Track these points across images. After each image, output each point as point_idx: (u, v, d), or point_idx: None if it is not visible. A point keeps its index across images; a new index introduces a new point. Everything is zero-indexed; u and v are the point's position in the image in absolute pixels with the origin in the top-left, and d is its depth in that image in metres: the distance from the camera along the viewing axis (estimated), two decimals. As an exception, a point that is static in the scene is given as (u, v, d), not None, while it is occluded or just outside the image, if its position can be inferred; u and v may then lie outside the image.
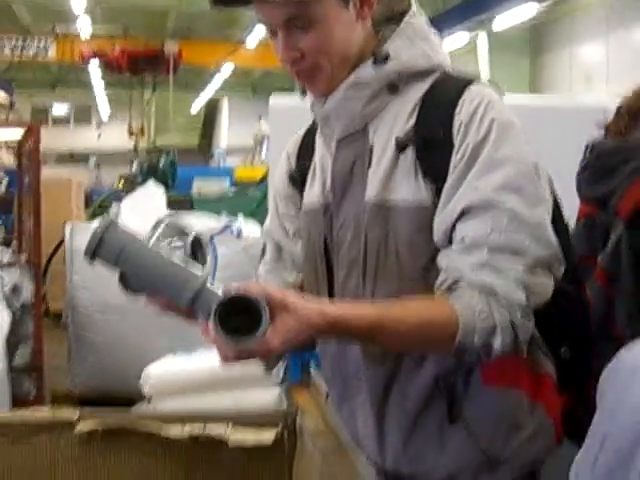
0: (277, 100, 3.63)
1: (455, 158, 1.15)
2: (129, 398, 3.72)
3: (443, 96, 1.20)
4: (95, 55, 13.17)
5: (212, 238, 4.15)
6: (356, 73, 1.22)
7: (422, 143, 1.18)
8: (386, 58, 1.22)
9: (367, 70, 1.22)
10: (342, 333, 1.07)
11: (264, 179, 4.80)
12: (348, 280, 1.25)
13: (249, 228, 4.15)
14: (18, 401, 3.37)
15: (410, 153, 1.19)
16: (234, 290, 0.99)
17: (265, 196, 5.02)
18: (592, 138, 1.73)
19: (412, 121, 1.21)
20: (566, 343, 1.26)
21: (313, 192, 1.33)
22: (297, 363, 2.96)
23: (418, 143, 1.19)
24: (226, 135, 21.98)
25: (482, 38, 13.47)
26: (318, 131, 1.34)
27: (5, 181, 10.53)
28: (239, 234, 4.18)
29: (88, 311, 4.45)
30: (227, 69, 17.59)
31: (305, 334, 1.02)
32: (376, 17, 1.25)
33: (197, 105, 22.76)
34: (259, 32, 14.21)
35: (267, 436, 1.46)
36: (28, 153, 4.76)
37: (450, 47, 14.21)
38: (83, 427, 1.53)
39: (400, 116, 1.22)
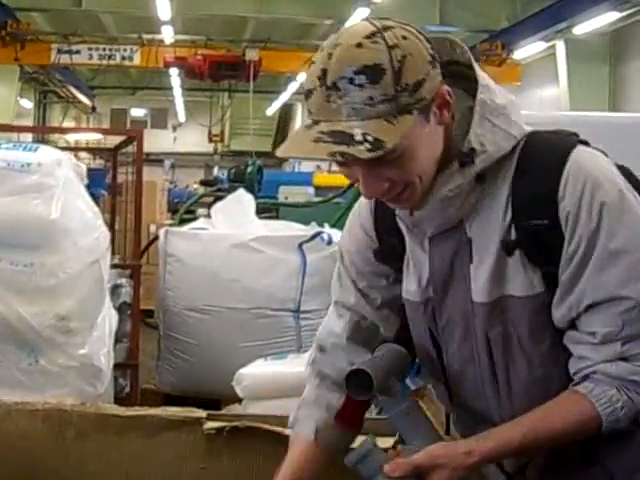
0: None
1: (569, 249, 1.13)
2: (216, 399, 3.81)
3: (537, 180, 1.15)
4: (177, 62, 13.51)
5: (301, 246, 4.24)
6: (446, 183, 1.15)
7: (527, 240, 1.15)
8: (472, 150, 1.14)
9: (456, 179, 1.15)
10: (494, 461, 1.19)
11: (349, 188, 4.86)
12: (463, 376, 1.27)
13: (338, 236, 4.19)
14: (113, 397, 3.49)
15: (518, 252, 1.16)
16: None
17: (350, 206, 5.06)
18: None
19: (509, 215, 1.17)
20: None
21: (411, 285, 1.28)
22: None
23: (525, 242, 1.15)
24: (300, 140, 22.00)
25: (560, 48, 13.23)
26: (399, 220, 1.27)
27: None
28: (330, 241, 4.23)
29: (179, 311, 4.56)
30: (303, 76, 17.78)
31: (462, 476, 1.13)
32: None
33: (271, 110, 22.99)
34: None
35: (386, 441, 1.51)
36: (120, 156, 4.97)
37: (526, 54, 14.05)
38: (211, 425, 1.60)
39: (494, 209, 1.18)
